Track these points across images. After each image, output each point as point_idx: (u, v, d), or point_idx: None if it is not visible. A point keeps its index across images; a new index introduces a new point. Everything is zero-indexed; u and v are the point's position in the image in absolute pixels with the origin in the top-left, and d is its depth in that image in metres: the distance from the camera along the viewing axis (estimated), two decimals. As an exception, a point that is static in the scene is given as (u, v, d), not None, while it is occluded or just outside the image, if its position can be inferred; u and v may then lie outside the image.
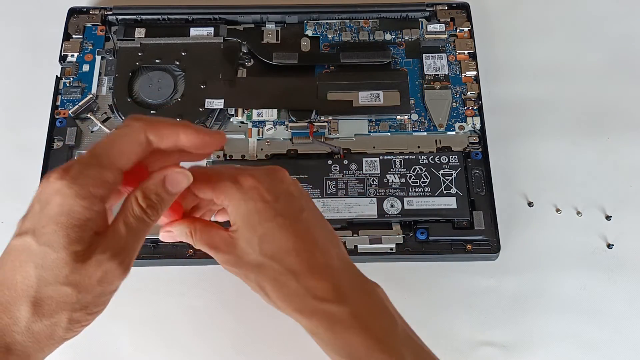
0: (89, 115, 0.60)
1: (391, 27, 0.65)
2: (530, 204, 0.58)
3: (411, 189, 0.56)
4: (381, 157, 0.58)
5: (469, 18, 0.65)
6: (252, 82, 0.62)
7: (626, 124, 0.62)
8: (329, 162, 0.57)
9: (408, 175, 0.57)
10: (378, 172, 0.57)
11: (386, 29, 0.65)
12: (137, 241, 0.34)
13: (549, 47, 0.66)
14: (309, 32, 0.65)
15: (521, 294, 0.55)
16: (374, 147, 0.59)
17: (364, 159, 0.57)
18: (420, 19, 0.65)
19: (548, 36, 0.66)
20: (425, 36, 0.64)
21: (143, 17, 0.65)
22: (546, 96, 0.63)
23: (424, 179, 0.57)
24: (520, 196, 0.59)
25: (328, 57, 0.63)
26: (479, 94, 0.61)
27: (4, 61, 0.66)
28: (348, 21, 0.65)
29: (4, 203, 0.58)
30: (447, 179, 0.57)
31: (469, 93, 0.61)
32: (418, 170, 0.57)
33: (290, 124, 0.60)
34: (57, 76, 0.62)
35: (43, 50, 0.65)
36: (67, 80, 0.62)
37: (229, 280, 0.53)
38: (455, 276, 0.56)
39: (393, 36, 0.64)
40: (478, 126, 0.60)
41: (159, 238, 0.39)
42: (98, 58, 0.63)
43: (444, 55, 0.63)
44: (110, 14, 0.65)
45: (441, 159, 0.57)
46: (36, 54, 0.65)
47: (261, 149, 0.59)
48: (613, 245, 0.57)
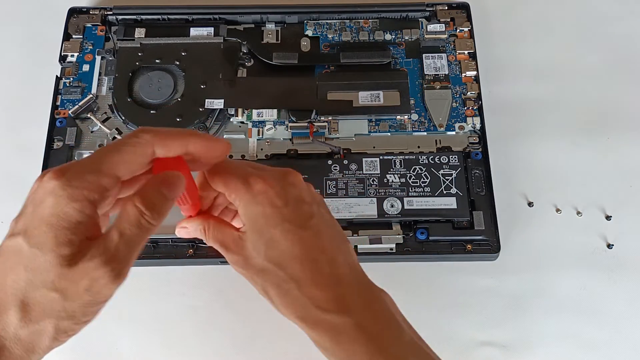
0: (89, 115, 0.60)
1: (391, 27, 0.65)
2: (530, 204, 0.58)
3: (411, 189, 0.56)
4: (381, 157, 0.58)
5: (469, 18, 0.65)
6: (252, 82, 0.62)
7: (626, 124, 0.62)
8: (329, 162, 0.57)
9: (408, 175, 0.57)
10: (378, 172, 0.57)
11: (386, 29, 0.65)
12: (132, 249, 0.32)
13: (549, 47, 0.66)
14: (309, 32, 0.65)
15: (521, 294, 0.55)
16: (374, 147, 0.59)
17: (364, 159, 0.57)
18: (420, 19, 0.65)
19: (548, 36, 0.66)
20: (425, 36, 0.64)
21: (143, 17, 0.65)
22: (546, 96, 0.63)
23: (424, 179, 0.57)
24: (520, 196, 0.59)
25: (328, 57, 0.63)
26: (479, 94, 0.61)
27: (4, 61, 0.66)
28: (348, 21, 0.65)
29: (4, 203, 0.57)
30: (447, 179, 0.57)
31: (469, 93, 0.61)
32: (418, 170, 0.57)
33: (290, 124, 0.60)
34: (57, 76, 0.62)
35: (43, 50, 0.65)
36: (67, 80, 0.62)
37: (229, 280, 0.54)
38: (455, 276, 0.56)
39: (393, 36, 0.64)
40: (478, 126, 0.60)
41: (175, 233, 0.39)
42: (98, 58, 0.63)
43: (444, 55, 0.63)
44: (110, 14, 0.65)
45: (441, 159, 0.57)
46: (36, 54, 0.65)
47: (261, 149, 0.59)
48: (613, 245, 0.56)
